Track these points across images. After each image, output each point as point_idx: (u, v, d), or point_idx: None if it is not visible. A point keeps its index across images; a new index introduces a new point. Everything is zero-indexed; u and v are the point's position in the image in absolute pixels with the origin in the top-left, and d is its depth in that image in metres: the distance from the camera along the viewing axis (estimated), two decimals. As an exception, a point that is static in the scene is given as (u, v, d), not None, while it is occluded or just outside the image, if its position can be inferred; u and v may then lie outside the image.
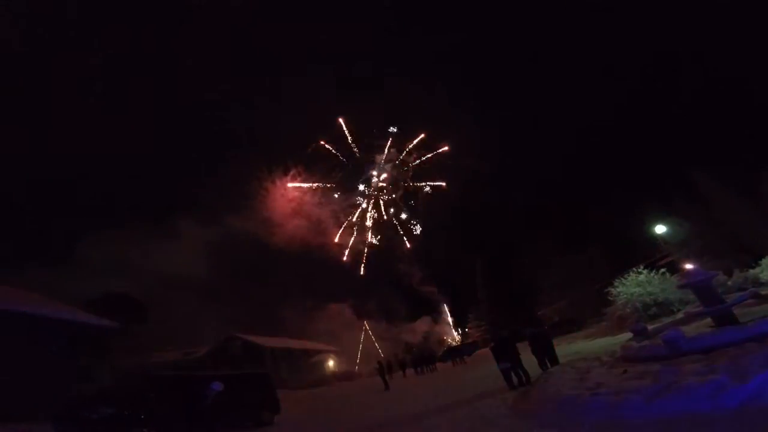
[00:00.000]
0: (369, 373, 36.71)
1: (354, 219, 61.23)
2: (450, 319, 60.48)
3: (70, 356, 15.89)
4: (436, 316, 59.74)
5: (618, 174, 43.40)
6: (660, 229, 24.27)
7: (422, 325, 57.71)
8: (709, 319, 8.44)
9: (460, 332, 59.53)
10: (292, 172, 57.84)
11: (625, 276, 20.59)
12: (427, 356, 30.07)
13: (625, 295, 19.48)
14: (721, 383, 4.43)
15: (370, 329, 54.53)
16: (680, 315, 13.63)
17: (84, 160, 47.85)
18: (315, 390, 26.64)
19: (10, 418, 11.51)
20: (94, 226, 47.38)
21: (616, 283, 20.71)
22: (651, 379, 5.52)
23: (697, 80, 39.31)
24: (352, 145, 58.67)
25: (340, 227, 60.43)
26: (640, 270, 20.37)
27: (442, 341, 55.88)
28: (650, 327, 11.01)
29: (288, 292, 51.79)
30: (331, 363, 43.32)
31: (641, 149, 43.04)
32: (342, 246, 60.29)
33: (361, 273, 59.72)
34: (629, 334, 11.08)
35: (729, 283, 15.64)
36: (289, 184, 58.57)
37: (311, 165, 58.17)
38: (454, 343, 52.14)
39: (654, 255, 26.87)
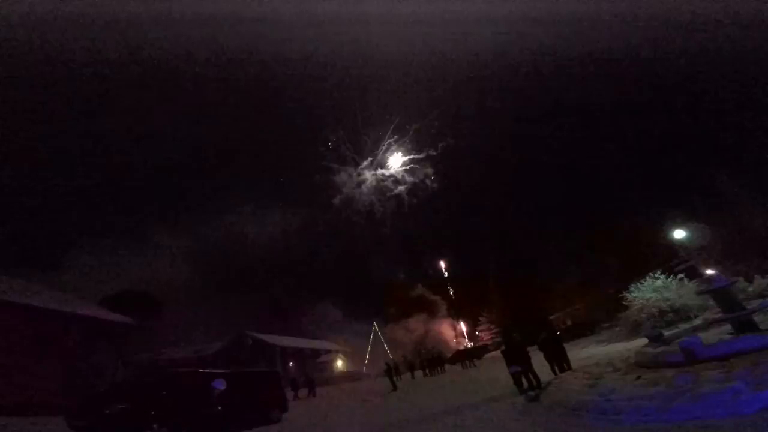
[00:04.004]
0: (377, 373, 36.66)
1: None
2: (459, 324, 59.85)
3: (87, 351, 16.29)
4: (432, 315, 59.32)
5: (636, 176, 42.52)
6: (679, 234, 23.61)
7: (416, 323, 57.34)
8: (728, 326, 8.19)
9: (463, 331, 58.62)
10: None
11: (642, 281, 20.13)
12: (436, 358, 29.82)
13: (640, 301, 19.03)
14: (737, 390, 4.27)
15: (349, 328, 54.96)
16: (698, 321, 13.24)
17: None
18: (323, 389, 26.70)
19: (25, 412, 11.83)
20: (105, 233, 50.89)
21: (631, 288, 20.25)
22: (666, 386, 5.36)
23: (719, 80, 38.22)
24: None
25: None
26: (656, 275, 19.88)
27: (442, 341, 55.12)
28: (666, 333, 10.72)
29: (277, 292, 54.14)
30: (339, 363, 43.44)
31: (660, 151, 42.11)
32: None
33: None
34: (644, 340, 10.81)
35: (750, 289, 15.12)
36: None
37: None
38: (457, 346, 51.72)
39: (672, 260, 26.19)
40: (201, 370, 11.73)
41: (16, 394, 12.55)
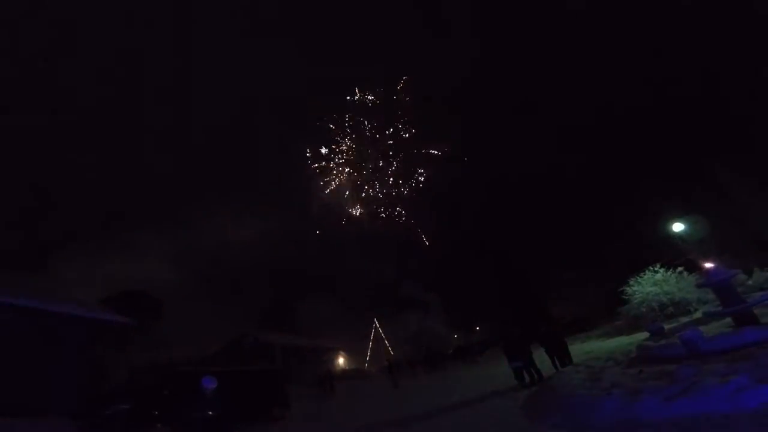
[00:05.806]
0: (379, 370, 36.80)
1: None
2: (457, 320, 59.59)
3: (88, 352, 16.27)
4: (424, 311, 59.26)
5: (634, 169, 42.45)
6: (678, 227, 23.62)
7: (412, 320, 57.19)
8: (728, 320, 8.20)
9: (457, 328, 58.39)
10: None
11: (641, 275, 20.14)
12: (437, 355, 29.97)
13: (640, 294, 19.05)
14: (740, 384, 4.27)
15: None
16: (698, 315, 13.28)
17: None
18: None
19: (29, 413, 11.83)
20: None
21: (631, 282, 20.26)
22: (668, 380, 5.37)
23: (718, 69, 38.03)
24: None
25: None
26: (656, 269, 19.90)
27: (440, 337, 54.98)
28: (667, 327, 10.75)
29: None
30: (341, 361, 43.56)
31: (659, 142, 41.98)
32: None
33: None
34: (644, 334, 10.85)
35: (750, 282, 15.10)
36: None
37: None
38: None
39: (671, 253, 26.23)
40: (203, 369, 11.74)
41: (18, 395, 12.55)
